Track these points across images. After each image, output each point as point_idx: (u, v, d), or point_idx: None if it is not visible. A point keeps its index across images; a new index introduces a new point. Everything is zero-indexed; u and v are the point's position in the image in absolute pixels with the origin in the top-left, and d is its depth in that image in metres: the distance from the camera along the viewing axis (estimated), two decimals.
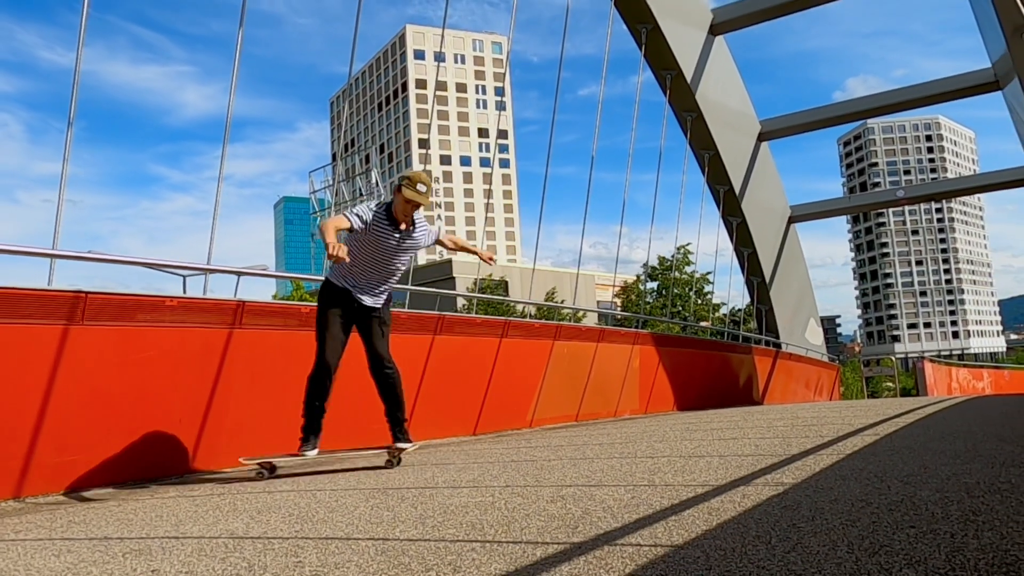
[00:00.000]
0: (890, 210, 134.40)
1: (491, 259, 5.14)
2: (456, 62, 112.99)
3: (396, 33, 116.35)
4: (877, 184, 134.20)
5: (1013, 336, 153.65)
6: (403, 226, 4.47)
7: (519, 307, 32.93)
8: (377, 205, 4.47)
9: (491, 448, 5.71)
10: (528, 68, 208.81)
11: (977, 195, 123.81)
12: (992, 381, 28.12)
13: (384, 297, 4.66)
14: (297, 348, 5.58)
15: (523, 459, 4.66)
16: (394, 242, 4.48)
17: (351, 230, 4.35)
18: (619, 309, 40.86)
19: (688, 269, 34.20)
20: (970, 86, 14.89)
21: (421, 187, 4.43)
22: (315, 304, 4.83)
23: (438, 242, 4.84)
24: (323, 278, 4.72)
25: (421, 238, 4.60)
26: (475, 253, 5.20)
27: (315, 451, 4.52)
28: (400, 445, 4.54)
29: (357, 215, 4.38)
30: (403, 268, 4.71)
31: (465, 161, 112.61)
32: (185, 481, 4.62)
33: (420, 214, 4.62)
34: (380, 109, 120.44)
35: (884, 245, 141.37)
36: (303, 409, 4.48)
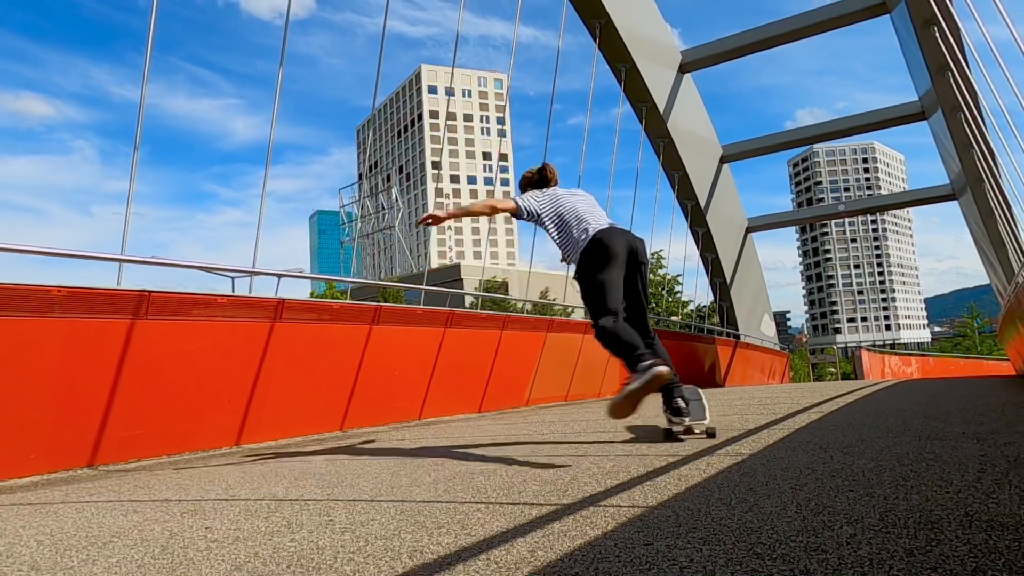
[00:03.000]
0: (832, 221, 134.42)
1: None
2: (464, 96, 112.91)
3: (413, 71, 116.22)
4: (822, 199, 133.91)
5: (936, 329, 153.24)
6: None
7: (518, 304, 32.91)
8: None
9: (493, 423, 5.71)
10: (525, 101, 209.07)
11: (906, 209, 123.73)
12: (919, 367, 28.02)
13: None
14: (329, 339, 5.60)
15: (521, 433, 4.65)
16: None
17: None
18: None
19: (661, 272, 34.18)
20: (900, 116, 14.89)
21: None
22: (343, 302, 4.69)
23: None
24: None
25: None
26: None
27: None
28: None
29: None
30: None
31: (471, 180, 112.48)
32: (234, 452, 4.61)
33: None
34: (399, 136, 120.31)
35: (827, 251, 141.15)
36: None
